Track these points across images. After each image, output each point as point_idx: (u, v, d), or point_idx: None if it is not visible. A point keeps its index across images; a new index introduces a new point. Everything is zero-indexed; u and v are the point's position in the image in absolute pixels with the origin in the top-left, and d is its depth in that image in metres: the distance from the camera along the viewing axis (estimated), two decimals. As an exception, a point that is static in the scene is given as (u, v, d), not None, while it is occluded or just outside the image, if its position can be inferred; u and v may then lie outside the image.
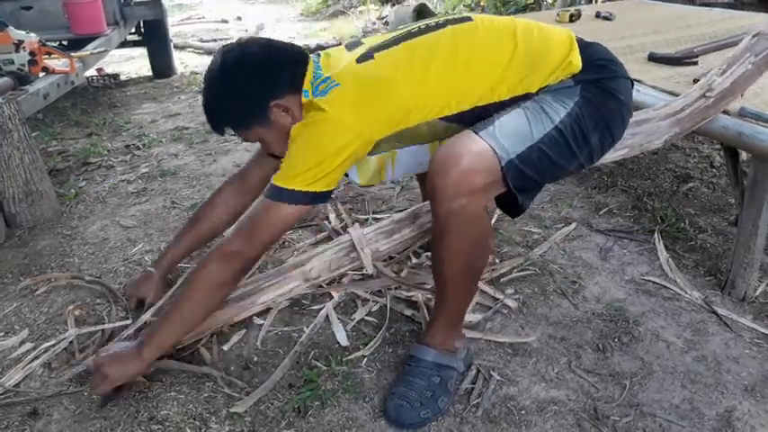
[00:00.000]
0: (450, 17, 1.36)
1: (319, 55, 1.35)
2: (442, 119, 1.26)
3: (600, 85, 1.28)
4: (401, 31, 1.35)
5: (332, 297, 1.70)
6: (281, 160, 1.26)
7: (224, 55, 1.30)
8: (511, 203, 1.28)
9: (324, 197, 1.25)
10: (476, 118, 1.25)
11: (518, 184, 1.22)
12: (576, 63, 1.28)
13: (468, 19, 1.34)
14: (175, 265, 1.69)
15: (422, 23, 1.35)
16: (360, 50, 1.32)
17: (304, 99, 1.27)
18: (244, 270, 1.33)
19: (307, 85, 1.27)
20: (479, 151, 1.17)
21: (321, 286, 1.67)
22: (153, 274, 1.63)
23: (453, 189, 1.15)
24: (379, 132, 1.25)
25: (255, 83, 1.27)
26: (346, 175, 1.31)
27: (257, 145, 1.54)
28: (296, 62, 1.30)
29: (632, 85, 1.38)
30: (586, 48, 1.33)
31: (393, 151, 1.36)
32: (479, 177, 1.16)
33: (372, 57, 1.28)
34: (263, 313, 1.62)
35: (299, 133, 1.25)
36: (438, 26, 1.32)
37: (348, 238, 1.50)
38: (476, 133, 1.19)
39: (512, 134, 1.20)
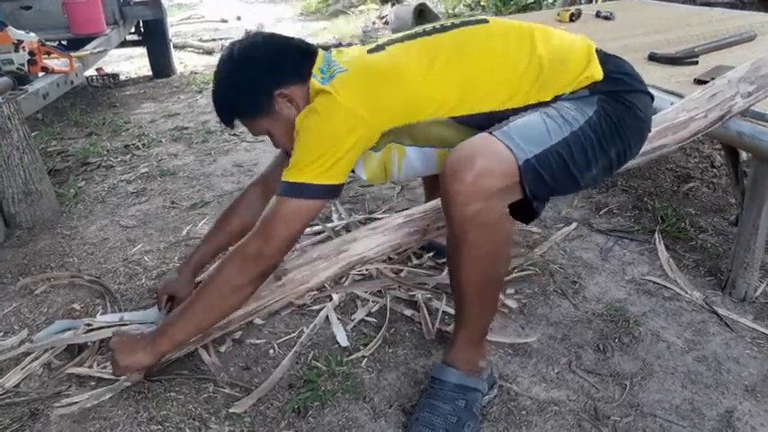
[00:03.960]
0: (465, 19, 1.34)
1: (331, 51, 1.33)
2: (453, 118, 1.22)
3: (617, 97, 1.23)
4: (415, 30, 1.33)
5: (331, 298, 1.69)
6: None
7: (231, 46, 1.31)
8: (522, 209, 1.21)
9: (335, 191, 1.21)
10: (489, 123, 1.21)
11: (534, 189, 1.15)
12: (596, 75, 1.23)
13: (485, 21, 1.32)
14: (204, 264, 1.66)
15: (437, 24, 1.34)
16: (372, 45, 1.32)
17: (312, 86, 1.25)
18: (262, 274, 1.27)
19: (315, 71, 1.26)
20: (495, 151, 1.12)
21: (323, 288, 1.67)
22: (183, 273, 1.60)
23: (468, 193, 1.09)
24: (386, 122, 1.21)
25: (260, 72, 1.27)
26: (352, 171, 1.28)
27: (274, 149, 1.52)
28: (303, 53, 1.29)
29: (652, 99, 1.33)
30: (605, 60, 1.28)
31: (401, 147, 1.31)
32: (495, 180, 1.10)
33: (384, 48, 1.27)
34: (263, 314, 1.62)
35: (302, 121, 1.22)
36: (453, 26, 1.30)
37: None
38: (490, 134, 1.15)
39: (528, 135, 1.15)
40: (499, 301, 1.35)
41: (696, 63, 2.00)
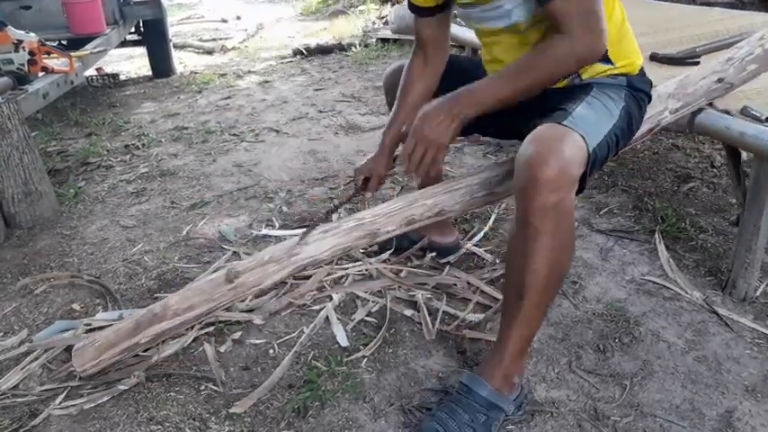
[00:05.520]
0: None
1: None
2: None
3: (636, 95, 1.35)
4: None
5: (332, 298, 1.69)
6: None
7: None
8: None
9: None
10: None
11: (589, 176, 1.20)
12: (636, 67, 1.37)
13: None
14: (399, 143, 1.55)
15: None
16: None
17: None
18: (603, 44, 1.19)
19: None
20: (575, 142, 1.13)
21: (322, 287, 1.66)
22: (379, 156, 1.56)
23: (556, 181, 1.08)
24: None
25: None
26: None
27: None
28: None
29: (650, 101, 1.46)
30: None
31: None
32: (577, 168, 1.12)
33: None
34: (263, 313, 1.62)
35: None
36: None
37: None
38: (559, 123, 1.16)
39: (589, 124, 1.19)
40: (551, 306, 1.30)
41: (698, 63, 1.99)
